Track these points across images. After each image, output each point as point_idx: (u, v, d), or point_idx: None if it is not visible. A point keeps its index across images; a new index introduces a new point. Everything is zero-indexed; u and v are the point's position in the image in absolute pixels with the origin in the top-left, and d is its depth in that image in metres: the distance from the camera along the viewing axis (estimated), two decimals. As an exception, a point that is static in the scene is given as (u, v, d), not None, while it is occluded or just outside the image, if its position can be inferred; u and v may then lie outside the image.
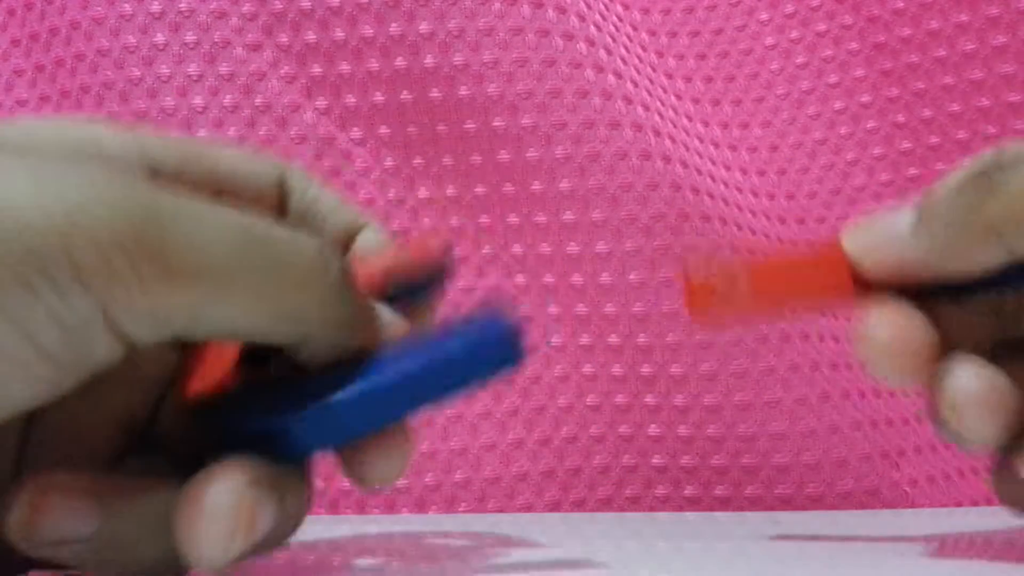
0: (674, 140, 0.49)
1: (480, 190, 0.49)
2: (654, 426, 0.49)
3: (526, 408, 0.50)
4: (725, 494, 0.49)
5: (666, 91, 0.51)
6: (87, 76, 0.49)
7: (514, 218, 0.49)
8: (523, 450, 0.49)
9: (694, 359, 0.48)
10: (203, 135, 0.49)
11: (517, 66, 0.48)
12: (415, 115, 0.49)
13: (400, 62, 0.49)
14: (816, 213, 0.52)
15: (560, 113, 0.48)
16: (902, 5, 0.51)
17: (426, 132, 0.49)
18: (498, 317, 0.29)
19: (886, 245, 0.31)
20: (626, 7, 0.52)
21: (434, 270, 0.35)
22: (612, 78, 0.48)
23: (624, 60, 0.49)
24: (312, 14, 0.49)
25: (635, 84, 0.49)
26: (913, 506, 0.49)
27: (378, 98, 0.49)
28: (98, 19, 0.49)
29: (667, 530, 0.42)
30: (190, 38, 0.49)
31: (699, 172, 0.49)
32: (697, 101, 0.52)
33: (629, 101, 0.48)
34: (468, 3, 0.48)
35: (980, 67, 0.50)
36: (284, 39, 0.49)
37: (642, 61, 0.51)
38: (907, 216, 0.31)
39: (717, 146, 0.51)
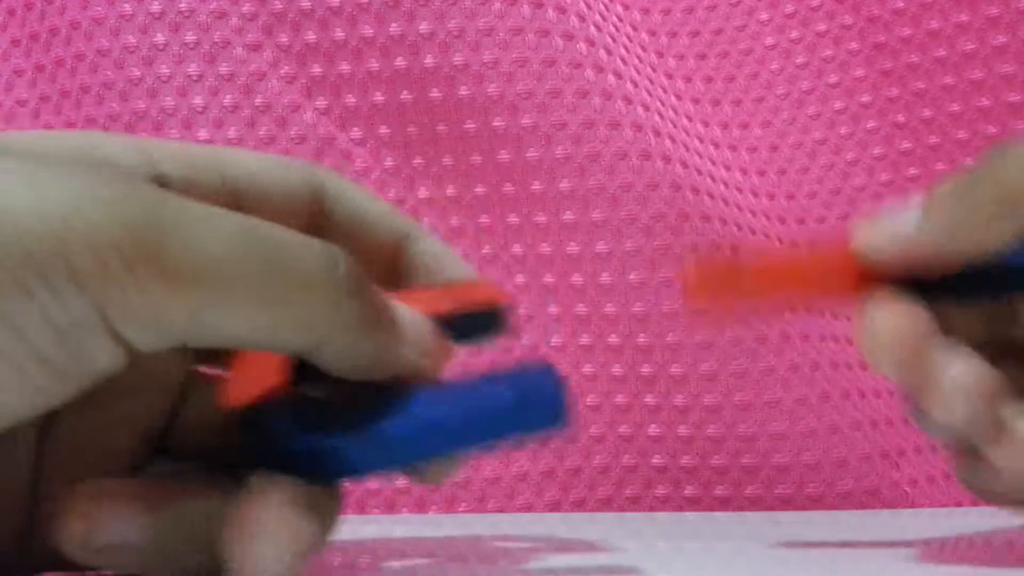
0: (674, 140, 0.49)
1: (480, 190, 0.49)
2: (654, 426, 0.49)
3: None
4: (725, 494, 0.49)
5: (666, 91, 0.51)
6: (87, 76, 0.49)
7: (514, 218, 0.49)
8: (523, 450, 0.49)
9: (694, 359, 0.48)
10: (203, 135, 0.49)
11: (517, 66, 0.48)
12: (415, 115, 0.49)
13: (400, 62, 0.49)
14: (816, 213, 0.52)
15: (560, 113, 0.48)
16: (902, 5, 0.51)
17: (426, 132, 0.49)
18: (548, 376, 0.28)
19: (895, 237, 0.31)
20: (626, 7, 0.52)
21: (490, 319, 0.33)
22: (612, 78, 0.48)
23: (624, 60, 0.49)
24: (312, 14, 0.49)
25: (635, 84, 0.49)
26: (913, 506, 0.49)
27: (378, 98, 0.49)
28: (98, 19, 0.49)
29: (667, 530, 0.42)
30: (190, 38, 0.49)
31: (699, 172, 0.49)
32: (697, 101, 0.52)
33: (629, 101, 0.48)
34: (468, 3, 0.48)
35: (980, 67, 0.50)
36: (284, 39, 0.49)
37: (642, 61, 0.51)
38: (914, 208, 0.31)
39: (717, 146, 0.51)
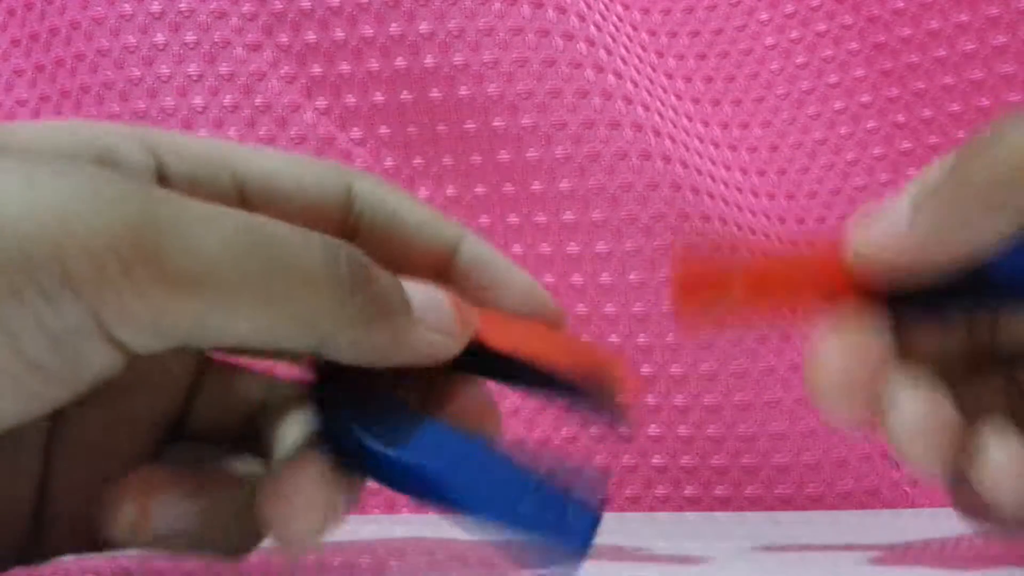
0: (674, 140, 0.49)
1: (480, 190, 0.49)
2: (654, 426, 0.49)
3: (526, 408, 0.50)
4: (725, 494, 0.49)
5: (666, 91, 0.51)
6: (87, 76, 0.49)
7: (514, 218, 0.49)
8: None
9: (694, 359, 0.48)
10: (203, 135, 0.49)
11: (517, 66, 0.48)
12: (415, 115, 0.49)
13: (400, 62, 0.49)
14: (816, 213, 0.52)
15: (560, 113, 0.48)
16: (902, 5, 0.51)
17: (426, 132, 0.49)
18: (585, 520, 0.28)
19: (885, 241, 0.29)
20: (626, 7, 0.52)
21: (599, 390, 0.31)
22: (612, 78, 0.48)
23: (624, 60, 0.49)
24: (312, 14, 0.49)
25: (635, 84, 0.49)
26: (913, 506, 0.49)
27: (378, 98, 0.49)
28: (98, 19, 0.49)
29: (667, 530, 0.42)
30: (190, 38, 0.49)
31: (699, 172, 0.49)
32: (697, 101, 0.52)
33: (629, 101, 0.48)
34: (468, 3, 0.48)
35: (980, 67, 0.50)
36: (284, 39, 0.49)
37: (642, 61, 0.51)
38: (901, 208, 0.29)
39: (717, 146, 0.51)
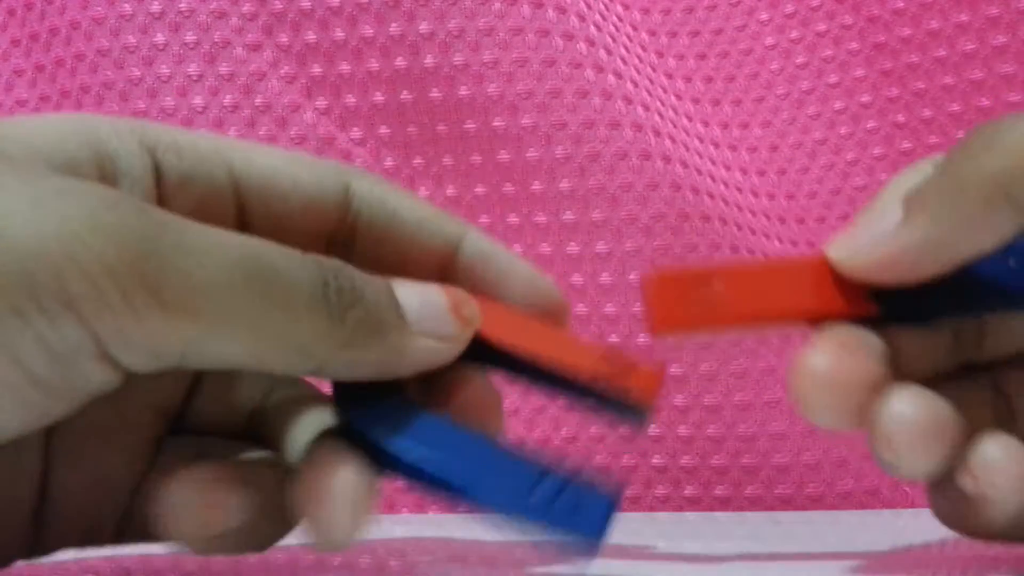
0: (674, 140, 0.49)
1: (480, 190, 0.49)
2: (654, 426, 0.49)
3: (526, 408, 0.50)
4: (725, 494, 0.49)
5: (666, 91, 0.51)
6: (87, 76, 0.49)
7: (514, 218, 0.49)
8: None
9: (694, 359, 0.48)
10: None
11: (517, 66, 0.48)
12: (415, 115, 0.49)
13: (400, 62, 0.49)
14: (816, 213, 0.52)
15: (560, 113, 0.48)
16: (902, 5, 0.51)
17: (426, 132, 0.49)
18: (599, 509, 0.28)
19: (874, 245, 0.28)
20: (626, 7, 0.52)
21: (629, 404, 0.31)
22: (612, 78, 0.48)
23: (624, 60, 0.49)
24: (312, 14, 0.49)
25: (635, 84, 0.49)
26: (913, 506, 0.49)
27: (378, 98, 0.49)
28: (98, 19, 0.49)
29: (667, 530, 0.42)
30: (190, 38, 0.49)
31: (699, 172, 0.49)
32: (697, 101, 0.52)
33: (629, 101, 0.48)
34: (468, 3, 0.48)
35: (980, 67, 0.50)
36: (284, 39, 0.49)
37: (642, 61, 0.51)
38: (893, 209, 0.28)
39: (717, 146, 0.51)
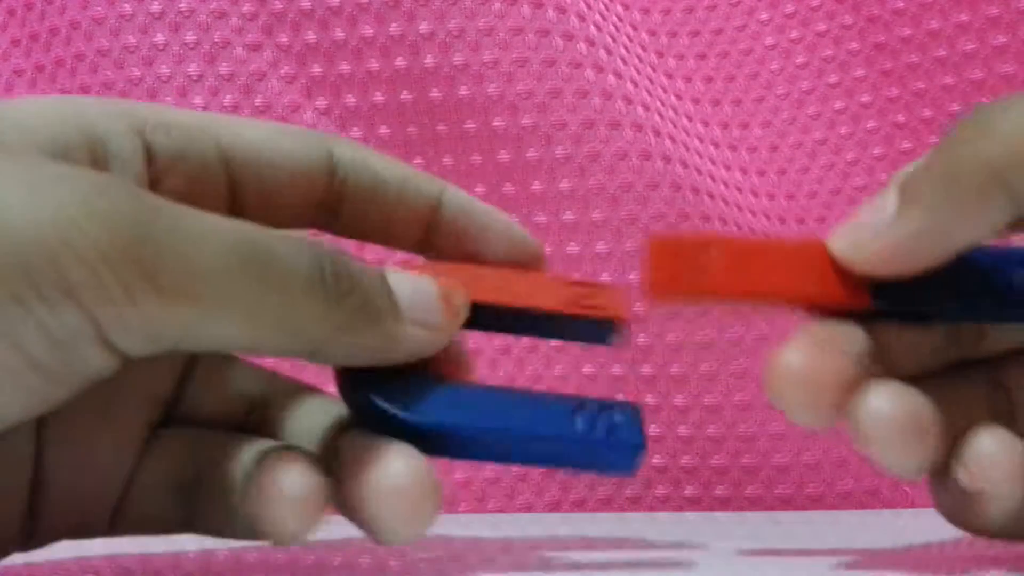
0: (674, 140, 0.49)
1: (480, 190, 0.49)
2: (654, 426, 0.49)
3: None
4: (725, 494, 0.49)
5: (666, 91, 0.51)
6: (87, 76, 0.49)
7: (514, 218, 0.49)
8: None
9: (694, 359, 0.48)
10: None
11: (517, 66, 0.48)
12: (415, 115, 0.49)
13: (400, 62, 0.49)
14: (816, 213, 0.52)
15: (560, 113, 0.48)
16: (902, 5, 0.51)
17: (426, 132, 0.49)
18: (633, 425, 0.29)
19: (872, 238, 0.28)
20: (626, 7, 0.52)
21: (606, 327, 0.32)
22: (612, 78, 0.48)
23: (624, 60, 0.49)
24: (312, 14, 0.49)
25: (635, 84, 0.49)
26: (913, 506, 0.49)
27: (378, 98, 0.49)
28: (98, 19, 0.49)
29: (667, 530, 0.42)
30: (190, 38, 0.49)
31: (699, 172, 0.49)
32: (697, 101, 0.52)
33: (629, 101, 0.48)
34: (468, 3, 0.48)
35: (980, 67, 0.50)
36: (284, 39, 0.49)
37: (642, 61, 0.51)
38: (889, 199, 0.28)
39: (717, 146, 0.51)
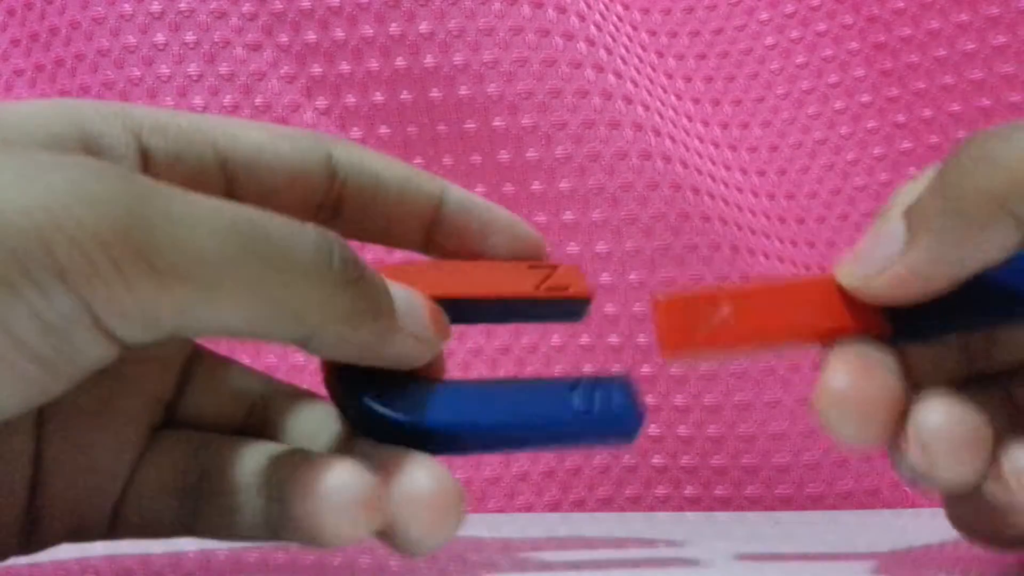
0: (674, 140, 0.49)
1: (480, 190, 0.49)
2: (654, 426, 0.49)
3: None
4: (725, 494, 0.49)
5: (666, 91, 0.51)
6: (87, 76, 0.49)
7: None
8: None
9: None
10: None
11: (517, 66, 0.48)
12: (415, 115, 0.49)
13: (400, 62, 0.49)
14: (816, 213, 0.52)
15: (560, 113, 0.48)
16: (902, 5, 0.51)
17: (426, 132, 0.49)
18: (627, 393, 0.30)
19: (883, 269, 0.29)
20: (626, 7, 0.52)
21: (571, 307, 0.32)
22: (612, 78, 0.48)
23: (624, 60, 0.49)
24: (312, 14, 0.49)
25: (635, 84, 0.49)
26: (913, 506, 0.49)
27: (378, 98, 0.49)
28: (98, 19, 0.49)
29: (667, 530, 0.42)
30: (190, 38, 0.49)
31: (699, 172, 0.49)
32: (697, 101, 0.52)
33: (629, 101, 0.48)
34: (468, 3, 0.48)
35: (980, 67, 0.50)
36: (284, 39, 0.49)
37: (642, 61, 0.51)
38: (896, 229, 0.29)
39: (717, 146, 0.51)
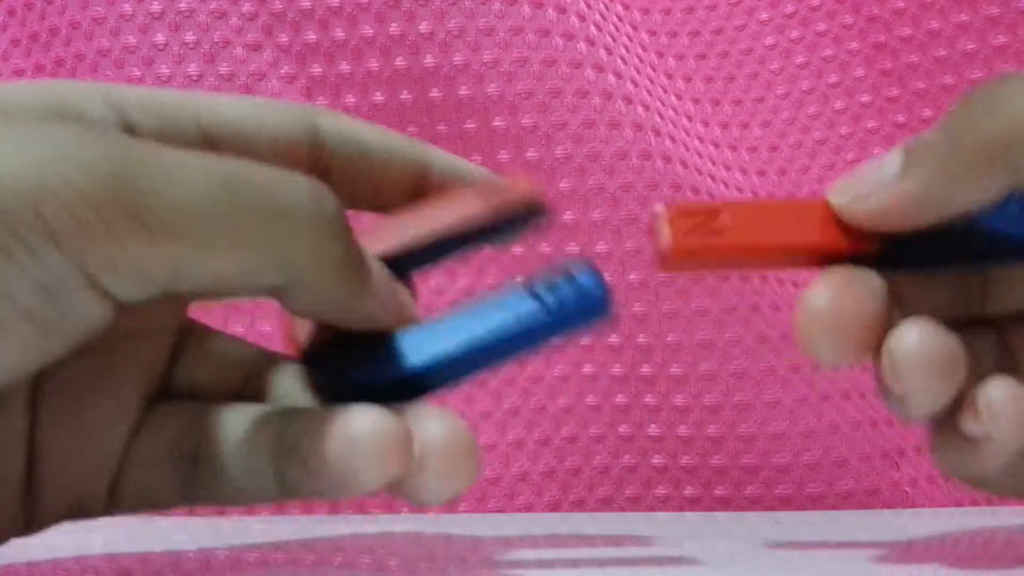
0: (674, 140, 0.49)
1: (480, 190, 0.49)
2: (654, 426, 0.49)
3: (526, 408, 0.50)
4: (725, 494, 0.49)
5: (666, 91, 0.51)
6: (87, 76, 0.49)
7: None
8: (523, 450, 0.49)
9: (694, 359, 0.48)
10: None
11: (517, 66, 0.48)
12: (415, 115, 0.49)
13: (400, 62, 0.49)
14: (816, 213, 0.52)
15: (560, 113, 0.48)
16: (902, 5, 0.51)
17: (426, 132, 0.49)
18: (588, 273, 0.30)
19: (873, 193, 0.29)
20: (626, 7, 0.52)
21: (527, 215, 0.33)
22: (612, 78, 0.48)
23: (624, 60, 0.49)
24: (312, 14, 0.49)
25: (635, 84, 0.49)
26: (913, 506, 0.49)
27: (378, 98, 0.49)
28: (98, 19, 0.49)
29: (667, 530, 0.42)
30: (190, 38, 0.49)
31: (699, 172, 0.49)
32: (697, 101, 0.52)
33: (629, 101, 0.48)
34: (468, 3, 0.48)
35: (980, 67, 0.50)
36: (284, 39, 0.49)
37: (642, 61, 0.51)
38: (894, 159, 0.29)
39: (717, 146, 0.51)
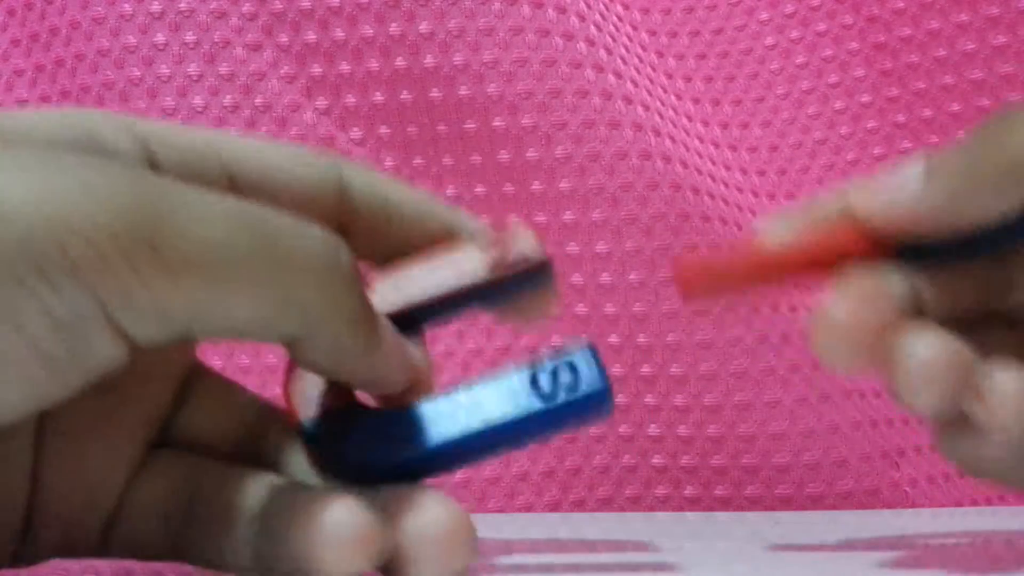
0: (674, 140, 0.49)
1: (480, 190, 0.49)
2: (654, 426, 0.49)
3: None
4: (725, 494, 0.49)
5: (666, 91, 0.51)
6: (87, 76, 0.49)
7: (514, 218, 0.49)
8: (525, 450, 0.49)
9: (694, 359, 0.48)
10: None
11: (517, 66, 0.48)
12: (415, 115, 0.49)
13: (400, 62, 0.49)
14: (816, 213, 0.52)
15: (560, 113, 0.48)
16: (902, 5, 0.51)
17: (426, 132, 0.49)
18: (591, 364, 0.30)
19: (895, 200, 0.30)
20: (626, 7, 0.52)
21: (534, 276, 0.33)
22: (612, 78, 0.48)
23: (624, 60, 0.49)
24: (312, 14, 0.49)
25: (635, 84, 0.49)
26: (913, 506, 0.49)
27: (378, 98, 0.49)
28: (98, 19, 0.49)
29: (667, 530, 0.42)
30: (190, 38, 0.49)
31: (699, 172, 0.49)
32: (697, 101, 0.52)
33: (629, 101, 0.48)
34: (468, 3, 0.48)
35: (980, 67, 0.50)
36: (284, 39, 0.49)
37: (642, 61, 0.51)
38: (916, 169, 0.30)
39: (717, 146, 0.51)
